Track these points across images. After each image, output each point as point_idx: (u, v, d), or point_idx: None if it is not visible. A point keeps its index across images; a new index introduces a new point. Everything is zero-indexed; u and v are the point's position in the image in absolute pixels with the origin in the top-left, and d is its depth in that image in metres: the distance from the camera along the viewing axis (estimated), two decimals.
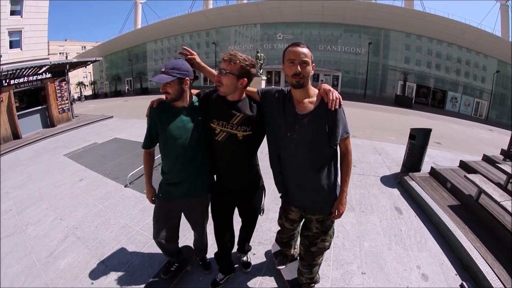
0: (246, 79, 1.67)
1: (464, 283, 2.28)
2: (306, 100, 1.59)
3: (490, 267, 2.32)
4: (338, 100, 1.52)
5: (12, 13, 13.42)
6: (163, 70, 1.63)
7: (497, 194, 2.95)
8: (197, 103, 1.83)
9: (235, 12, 28.44)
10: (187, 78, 1.68)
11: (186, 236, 2.86)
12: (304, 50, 1.48)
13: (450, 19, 23.38)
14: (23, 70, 9.84)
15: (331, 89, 1.56)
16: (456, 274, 2.43)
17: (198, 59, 1.82)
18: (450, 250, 2.74)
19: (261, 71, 14.77)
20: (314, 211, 1.75)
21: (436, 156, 5.83)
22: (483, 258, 2.41)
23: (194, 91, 1.89)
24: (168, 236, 1.98)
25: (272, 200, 2.00)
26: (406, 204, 3.67)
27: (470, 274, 2.41)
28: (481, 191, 3.17)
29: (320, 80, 26.71)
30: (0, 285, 2.44)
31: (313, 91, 1.60)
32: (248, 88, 1.75)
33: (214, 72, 1.84)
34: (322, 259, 1.94)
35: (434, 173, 4.32)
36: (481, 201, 3.22)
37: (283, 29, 28.50)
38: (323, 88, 1.57)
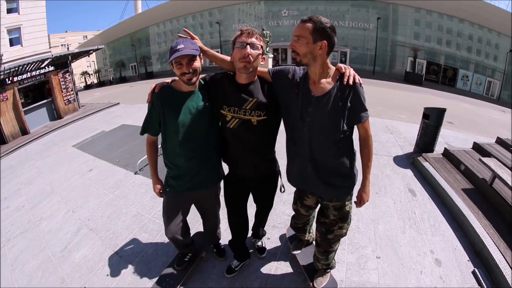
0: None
1: (476, 270, 2.25)
2: (323, 80, 1.46)
3: (503, 255, 2.26)
4: (355, 76, 1.42)
5: (9, 11, 13.29)
6: (181, 46, 1.44)
7: None
8: (203, 88, 1.68)
9: None
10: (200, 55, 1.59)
11: (199, 222, 2.84)
12: (303, 25, 1.33)
13: None
14: (26, 66, 9.77)
15: (349, 67, 1.46)
16: (468, 260, 2.39)
17: (200, 43, 1.62)
18: (463, 235, 2.69)
19: (268, 49, 14.43)
20: (331, 198, 1.68)
21: (448, 136, 5.68)
22: (496, 245, 2.36)
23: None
24: (181, 231, 1.92)
25: (285, 181, 1.93)
26: (419, 186, 3.60)
27: (482, 261, 2.37)
28: (495, 175, 3.05)
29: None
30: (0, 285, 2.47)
31: (331, 70, 1.47)
32: (258, 68, 1.60)
33: (218, 54, 1.71)
34: (338, 245, 1.90)
35: (447, 154, 4.20)
36: (495, 185, 3.11)
37: (287, 6, 27.43)
38: (341, 65, 1.47)
